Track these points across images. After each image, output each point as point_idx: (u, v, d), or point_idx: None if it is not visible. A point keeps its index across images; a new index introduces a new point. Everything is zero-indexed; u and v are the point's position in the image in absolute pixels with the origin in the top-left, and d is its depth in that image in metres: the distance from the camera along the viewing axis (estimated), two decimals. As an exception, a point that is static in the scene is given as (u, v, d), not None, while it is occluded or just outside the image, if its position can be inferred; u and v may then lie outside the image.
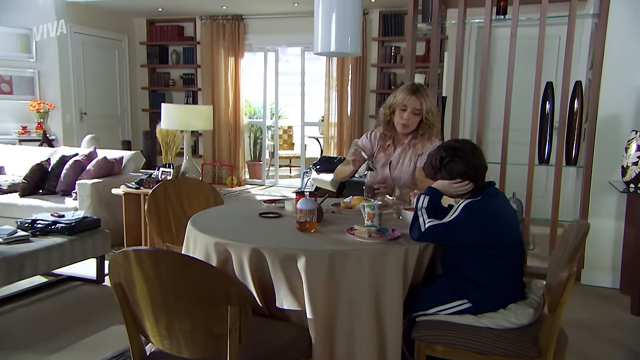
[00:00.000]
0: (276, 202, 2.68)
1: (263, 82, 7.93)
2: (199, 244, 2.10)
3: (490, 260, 1.96)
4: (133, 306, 1.69)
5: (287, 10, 7.30)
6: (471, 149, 2.01)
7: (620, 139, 3.70)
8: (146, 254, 1.56)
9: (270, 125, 8.31)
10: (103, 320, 3.14)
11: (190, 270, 1.52)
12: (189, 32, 8.22)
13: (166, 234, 2.79)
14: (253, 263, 1.95)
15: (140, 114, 8.55)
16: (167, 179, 3.60)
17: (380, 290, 1.90)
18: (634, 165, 3.38)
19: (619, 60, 3.69)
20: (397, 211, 2.42)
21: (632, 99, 3.68)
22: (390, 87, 7.14)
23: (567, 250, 1.92)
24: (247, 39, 7.81)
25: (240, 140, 7.89)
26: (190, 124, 4.35)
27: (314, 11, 2.39)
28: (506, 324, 1.93)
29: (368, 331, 1.89)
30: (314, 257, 1.87)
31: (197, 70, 8.15)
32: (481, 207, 1.94)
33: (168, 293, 1.58)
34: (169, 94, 8.48)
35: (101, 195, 4.51)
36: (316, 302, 1.87)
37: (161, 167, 4.51)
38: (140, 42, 8.36)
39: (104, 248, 3.74)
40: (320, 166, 6.46)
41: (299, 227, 2.15)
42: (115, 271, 1.66)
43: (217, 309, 1.55)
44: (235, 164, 7.90)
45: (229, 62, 7.81)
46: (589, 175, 3.82)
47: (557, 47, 5.43)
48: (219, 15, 7.77)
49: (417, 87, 2.72)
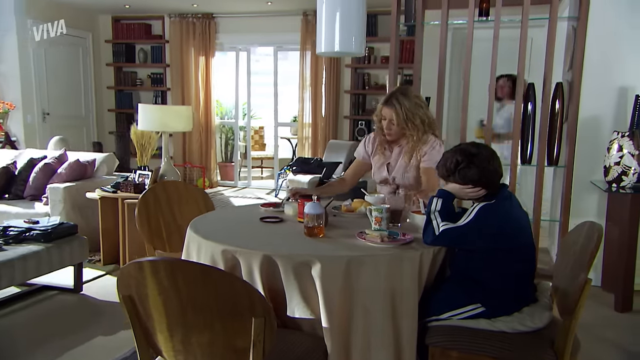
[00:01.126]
0: (274, 206, 2.61)
1: (235, 82, 7.80)
2: (204, 251, 2.01)
3: (503, 264, 1.95)
4: (144, 320, 1.59)
5: (260, 10, 7.20)
6: (487, 156, 1.98)
7: (600, 140, 3.79)
8: (163, 265, 1.46)
9: (242, 125, 8.17)
10: (85, 331, 2.99)
11: (213, 281, 1.43)
12: (157, 31, 8.00)
13: (157, 241, 2.67)
14: (264, 271, 1.87)
15: (106, 115, 8.27)
16: (157, 182, 3.46)
17: (396, 296, 1.86)
18: (616, 165, 3.47)
19: (599, 62, 3.77)
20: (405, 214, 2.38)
21: (612, 101, 3.77)
22: (365, 88, 7.14)
23: (577, 253, 1.92)
24: (218, 38, 7.66)
25: (211, 141, 7.73)
26: (169, 125, 4.21)
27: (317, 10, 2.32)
28: (522, 327, 1.91)
29: (384, 338, 1.85)
30: (329, 263, 1.80)
31: (166, 70, 7.95)
32: (496, 210, 1.92)
33: (186, 305, 1.48)
34: (137, 94, 8.23)
35: (74, 200, 4.31)
36: (332, 310, 1.81)
37: (138, 169, 4.36)
38: (106, 40, 8.09)
39: (82, 255, 3.57)
40: (297, 167, 6.38)
41: (307, 232, 2.08)
42: (126, 283, 1.55)
43: (239, 321, 1.46)
44: (207, 165, 7.73)
45: (199, 61, 7.64)
46: (570, 175, 3.89)
47: (529, 49, 5.54)
48: (189, 14, 7.59)
49: (390, 95, 2.62)
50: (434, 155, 2.57)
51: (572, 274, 1.92)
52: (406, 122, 2.57)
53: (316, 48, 2.43)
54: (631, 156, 3.42)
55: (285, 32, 7.35)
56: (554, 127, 4.02)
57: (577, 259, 1.91)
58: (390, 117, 2.59)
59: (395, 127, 2.60)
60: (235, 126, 8.04)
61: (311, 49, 7.13)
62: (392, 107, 2.57)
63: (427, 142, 2.66)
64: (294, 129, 8.57)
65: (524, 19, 3.89)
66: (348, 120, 7.31)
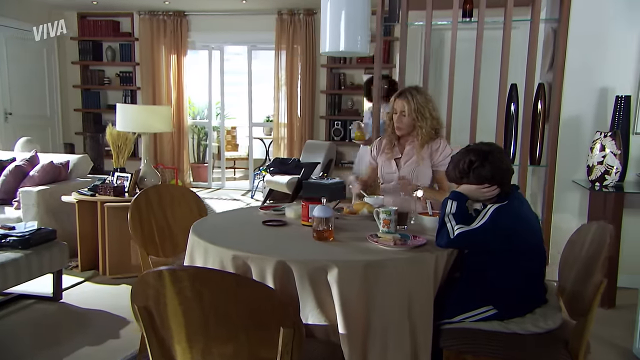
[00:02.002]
0: (273, 209, 2.55)
1: (208, 81, 7.65)
2: (212, 257, 1.93)
3: (515, 265, 1.95)
4: (161, 331, 1.51)
5: (234, 8, 7.09)
6: (500, 153, 1.99)
7: (582, 140, 3.88)
8: (186, 274, 1.39)
9: (215, 126, 8.03)
10: (71, 342, 2.86)
11: (242, 291, 1.37)
12: (126, 28, 7.77)
13: (150, 246, 2.57)
14: (277, 277, 1.81)
15: (72, 114, 7.97)
16: (150, 186, 3.33)
17: (413, 299, 1.83)
18: (599, 165, 3.55)
19: (580, 64, 3.86)
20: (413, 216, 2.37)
21: (592, 101, 3.87)
22: (340, 88, 7.12)
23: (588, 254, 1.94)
24: (191, 37, 7.50)
25: (184, 141, 7.57)
26: (150, 125, 4.08)
27: (321, 9, 2.27)
28: (535, 328, 1.92)
29: (402, 342, 1.82)
30: (347, 268, 1.76)
31: (135, 68, 7.73)
32: (510, 211, 1.92)
33: (209, 315, 1.42)
34: (104, 93, 7.98)
35: (48, 204, 4.12)
36: (349, 316, 1.77)
37: (115, 172, 4.21)
38: (72, 37, 7.79)
39: (61, 262, 3.41)
40: (274, 168, 6.32)
41: (316, 236, 2.03)
42: (143, 293, 1.47)
43: (266, 331, 1.41)
44: (180, 166, 7.56)
45: (170, 60, 7.47)
46: (552, 174, 3.96)
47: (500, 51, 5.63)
48: (160, 11, 7.40)
49: (405, 89, 2.80)
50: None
51: (584, 275, 1.93)
52: (417, 113, 2.68)
53: (320, 47, 2.38)
54: (613, 156, 3.50)
55: (260, 31, 7.26)
56: (536, 127, 4.09)
57: (588, 260, 1.93)
58: (402, 108, 2.71)
59: (406, 118, 2.72)
60: (208, 126, 7.89)
61: (286, 48, 7.07)
62: (404, 99, 2.71)
63: (437, 143, 2.76)
64: (267, 129, 8.49)
65: (507, 20, 3.94)
66: (324, 121, 7.27)
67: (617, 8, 3.77)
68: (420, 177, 2.76)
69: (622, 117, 3.65)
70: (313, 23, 7.00)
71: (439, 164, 2.75)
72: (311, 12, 6.98)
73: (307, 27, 6.99)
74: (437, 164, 2.76)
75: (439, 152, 2.75)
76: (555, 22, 4.11)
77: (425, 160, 2.74)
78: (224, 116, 7.84)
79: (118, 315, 3.24)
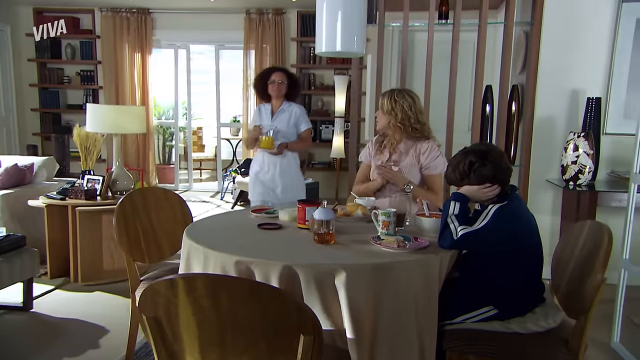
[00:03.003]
0: (265, 211, 2.50)
1: (174, 81, 7.47)
2: (213, 263, 1.87)
3: (516, 265, 1.97)
4: (171, 342, 1.44)
5: (201, 6, 6.95)
6: (499, 152, 2.01)
7: (555, 140, 3.99)
8: (202, 282, 1.33)
9: (182, 126, 7.84)
10: (47, 353, 2.73)
11: (261, 298, 1.32)
12: (87, 25, 7.48)
13: (136, 252, 2.47)
14: (283, 282, 1.77)
15: (28, 114, 7.63)
16: (131, 190, 3.23)
17: (419, 302, 1.82)
18: (573, 164, 3.65)
19: (552, 66, 3.96)
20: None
21: (564, 103, 3.98)
22: (310, 88, 7.09)
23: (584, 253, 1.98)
24: (155, 35, 7.30)
25: (149, 142, 7.36)
26: (123, 126, 3.93)
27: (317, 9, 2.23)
28: (536, 327, 1.94)
29: (410, 344, 1.81)
30: (355, 271, 1.74)
31: (97, 67, 7.46)
32: (511, 211, 1.94)
33: (226, 325, 1.36)
34: (64, 92, 7.68)
35: (12, 209, 3.92)
36: (357, 320, 1.74)
37: (85, 174, 4.04)
38: (27, 33, 7.44)
39: (32, 270, 3.24)
40: (245, 169, 6.22)
41: (317, 239, 2.00)
42: (152, 303, 1.40)
43: (284, 339, 1.36)
44: (145, 168, 7.35)
45: (134, 58, 7.25)
46: (527, 174, 4.06)
47: (471, 52, 5.75)
48: (122, 8, 7.18)
49: (392, 90, 2.80)
50: (437, 163, 2.74)
51: (580, 274, 1.97)
52: (400, 114, 2.70)
53: (315, 48, 2.34)
54: (586, 155, 3.61)
55: (228, 30, 7.14)
56: (511, 127, 4.18)
57: (585, 259, 1.96)
58: (385, 107, 2.74)
59: (385, 117, 2.75)
60: (175, 127, 7.70)
61: (255, 47, 6.98)
62: (385, 98, 2.75)
63: (426, 145, 2.77)
64: (235, 129, 8.37)
65: (482, 23, 4.01)
66: (293, 121, 7.21)
67: (587, 12, 3.89)
68: (411, 179, 2.74)
69: (593, 118, 3.77)
70: (282, 23, 6.95)
71: (427, 165, 2.75)
72: (280, 12, 6.92)
73: (277, 27, 6.92)
74: (425, 165, 2.75)
75: (427, 154, 2.74)
76: (527, 25, 4.22)
77: (413, 162, 2.74)
78: (190, 116, 7.68)
79: (95, 323, 3.10)
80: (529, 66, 4.06)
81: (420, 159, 2.75)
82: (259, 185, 3.77)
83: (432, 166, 2.74)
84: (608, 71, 3.89)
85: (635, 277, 2.95)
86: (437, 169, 2.73)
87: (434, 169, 2.73)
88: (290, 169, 3.76)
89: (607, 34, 3.88)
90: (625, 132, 3.86)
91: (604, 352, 2.97)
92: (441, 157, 2.76)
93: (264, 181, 3.75)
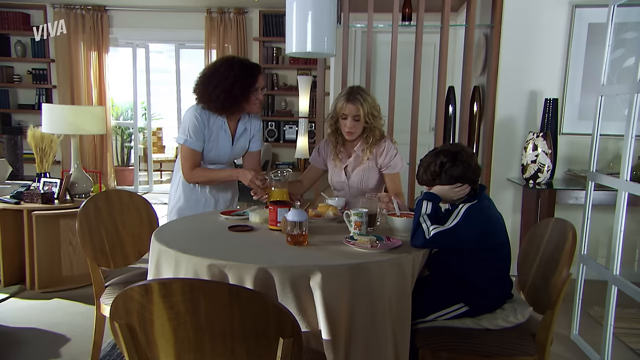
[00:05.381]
0: (235, 213, 2.46)
1: (133, 80, 7.29)
2: (184, 267, 1.82)
3: (486, 262, 2.01)
4: (146, 349, 1.40)
5: (159, 4, 6.81)
6: (469, 153, 2.04)
7: (515, 139, 4.10)
8: (179, 286, 1.30)
9: (141, 127, 7.66)
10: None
11: (241, 302, 1.30)
12: (38, 21, 7.20)
13: (101, 257, 2.39)
14: (257, 284, 1.74)
15: (-25, 115, 7.29)
16: (90, 193, 3.11)
17: (393, 302, 1.83)
18: (533, 163, 3.76)
19: (511, 68, 4.07)
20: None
21: (524, 103, 4.09)
22: (273, 89, 7.05)
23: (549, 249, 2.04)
24: (112, 33, 7.11)
25: (107, 144, 7.15)
26: (81, 127, 3.80)
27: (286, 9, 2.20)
28: (505, 323, 1.99)
29: (385, 344, 1.81)
30: (330, 272, 1.73)
31: (50, 65, 7.20)
32: (481, 210, 1.97)
33: (204, 330, 1.33)
34: (14, 91, 7.37)
35: (-38, 214, 3.73)
36: (333, 321, 1.73)
37: (41, 177, 3.89)
38: (-28, 30, 7.12)
39: (-14, 278, 3.09)
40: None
41: (291, 240, 1.98)
42: (124, 310, 1.35)
43: (263, 342, 1.34)
44: (103, 170, 7.14)
45: (90, 57, 7.04)
46: (488, 173, 4.16)
47: (432, 54, 5.86)
48: (77, 5, 6.95)
49: (352, 92, 2.63)
50: (397, 161, 2.68)
51: (545, 270, 2.03)
52: (369, 116, 2.59)
53: (286, 48, 2.32)
54: (545, 155, 3.73)
55: (188, 29, 7.03)
56: (473, 127, 4.27)
57: (550, 255, 2.03)
58: (356, 112, 2.57)
59: (360, 122, 2.60)
60: (134, 127, 7.51)
61: (217, 47, 6.89)
62: (356, 102, 2.56)
63: (382, 145, 2.69)
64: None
65: (445, 25, 4.07)
66: (257, 121, 7.15)
67: (544, 16, 4.01)
68: (370, 182, 2.71)
69: (551, 119, 3.90)
70: (244, 22, 6.88)
71: (387, 165, 2.68)
72: (242, 11, 6.86)
73: (239, 26, 6.85)
74: (384, 165, 2.69)
75: (385, 154, 2.67)
76: (487, 28, 4.32)
77: (372, 165, 2.69)
78: (150, 117, 7.51)
79: (55, 332, 2.99)
80: (489, 68, 4.17)
81: (378, 160, 2.69)
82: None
83: (392, 165, 2.67)
84: (564, 73, 4.03)
85: (591, 271, 3.06)
86: (396, 168, 2.68)
87: (393, 167, 2.68)
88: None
89: (563, 38, 4.01)
90: (581, 132, 4.01)
91: (564, 344, 3.07)
92: (398, 154, 2.70)
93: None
